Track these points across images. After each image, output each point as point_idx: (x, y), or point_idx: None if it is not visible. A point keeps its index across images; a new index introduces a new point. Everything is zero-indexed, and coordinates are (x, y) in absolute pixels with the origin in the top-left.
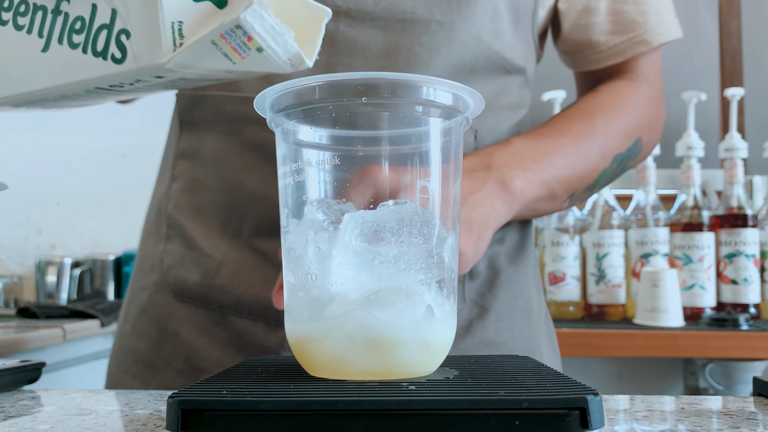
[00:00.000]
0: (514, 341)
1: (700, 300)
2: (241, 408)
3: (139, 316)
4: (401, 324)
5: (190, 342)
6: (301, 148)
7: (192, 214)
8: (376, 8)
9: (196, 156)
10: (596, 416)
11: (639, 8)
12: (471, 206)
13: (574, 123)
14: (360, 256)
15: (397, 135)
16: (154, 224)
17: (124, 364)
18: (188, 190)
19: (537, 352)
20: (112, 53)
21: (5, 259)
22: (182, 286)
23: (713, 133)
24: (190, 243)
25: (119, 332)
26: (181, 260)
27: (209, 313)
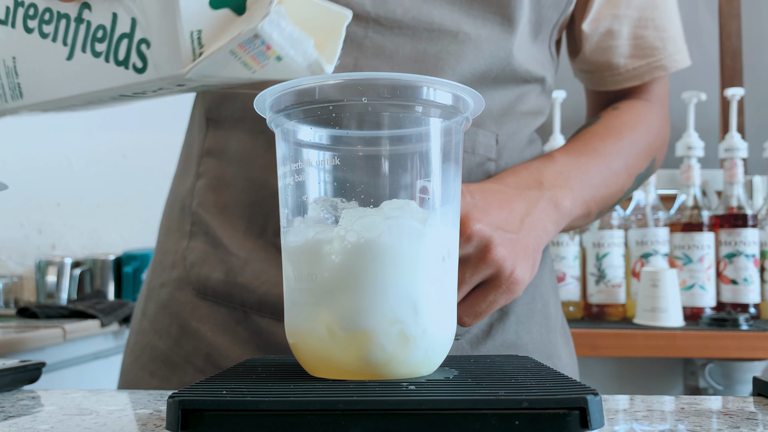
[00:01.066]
0: (533, 344)
1: (700, 300)
2: (241, 408)
3: (159, 312)
4: (401, 324)
5: (210, 340)
6: (301, 148)
7: (216, 212)
8: (405, 17)
9: (222, 154)
10: (596, 416)
11: (659, 34)
12: (527, 230)
13: (606, 141)
14: (359, 256)
15: (397, 135)
16: (176, 221)
17: (142, 361)
18: (213, 187)
19: (555, 355)
20: (134, 63)
21: (5, 259)
22: (205, 283)
23: (713, 133)
24: (215, 241)
25: (136, 329)
26: (205, 257)
27: (231, 312)
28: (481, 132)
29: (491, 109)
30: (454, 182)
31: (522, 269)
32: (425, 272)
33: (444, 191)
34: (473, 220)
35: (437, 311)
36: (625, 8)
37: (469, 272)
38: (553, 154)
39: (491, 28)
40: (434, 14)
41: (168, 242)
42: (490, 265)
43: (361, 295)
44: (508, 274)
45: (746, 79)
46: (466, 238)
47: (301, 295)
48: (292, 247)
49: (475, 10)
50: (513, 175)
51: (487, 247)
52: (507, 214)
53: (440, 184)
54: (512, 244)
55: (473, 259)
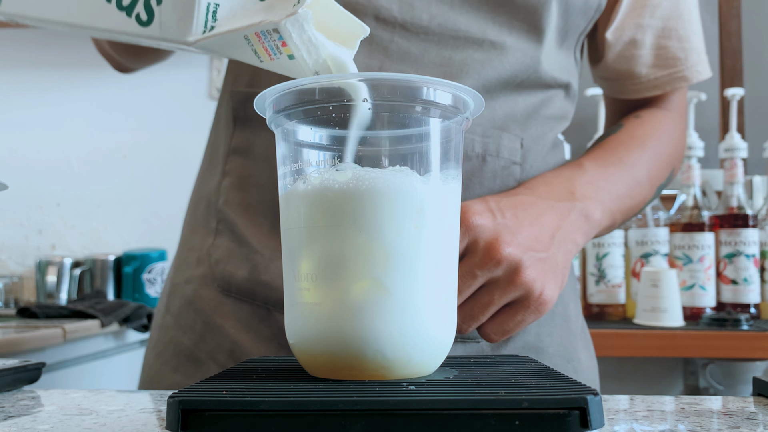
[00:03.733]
0: (553, 347)
1: (700, 300)
2: (241, 408)
3: (184, 308)
4: (401, 324)
5: (234, 337)
6: (301, 149)
7: (242, 210)
8: (431, 23)
9: (248, 153)
10: (596, 416)
11: (682, 45)
12: (557, 246)
13: (631, 151)
14: (359, 256)
15: (398, 135)
16: (202, 218)
17: (165, 356)
18: (239, 186)
19: (575, 358)
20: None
21: (5, 259)
22: (229, 280)
23: (713, 133)
24: (240, 239)
25: (159, 324)
26: (230, 255)
27: (255, 309)
28: (505, 135)
29: (516, 113)
30: (454, 182)
31: (551, 289)
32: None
33: (444, 192)
34: (504, 244)
35: (437, 311)
36: (649, 18)
37: (498, 294)
38: (582, 162)
39: (517, 36)
40: (460, 21)
41: (193, 239)
42: (519, 287)
43: (360, 296)
44: (537, 295)
45: (746, 79)
46: (496, 261)
47: (300, 296)
48: (291, 247)
49: (502, 17)
50: (545, 185)
51: (517, 270)
52: (537, 231)
53: (440, 184)
54: (542, 264)
55: (503, 282)
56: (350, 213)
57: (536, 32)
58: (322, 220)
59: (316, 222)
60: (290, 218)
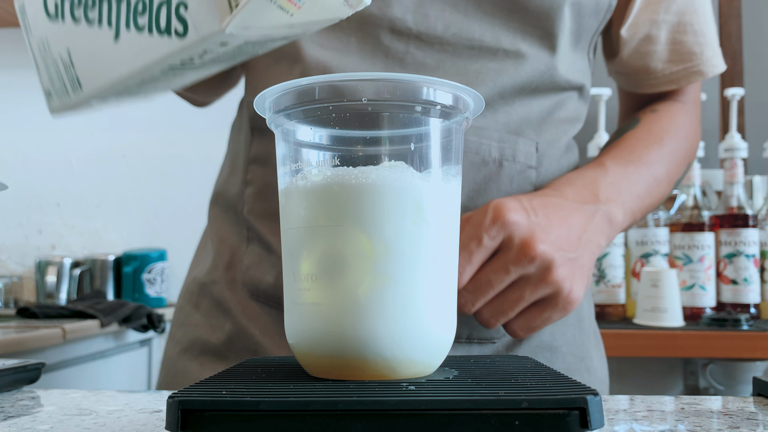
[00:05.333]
0: (567, 346)
1: (700, 300)
2: (241, 408)
3: (214, 309)
4: (401, 324)
5: (258, 338)
6: (301, 149)
7: (267, 218)
8: (445, 33)
9: (268, 162)
10: (596, 416)
11: (697, 39)
12: (584, 246)
13: (650, 149)
14: (359, 256)
15: (398, 135)
16: (232, 224)
17: (192, 352)
18: (261, 195)
19: (588, 357)
20: (175, 28)
21: (5, 259)
22: (257, 286)
23: (713, 133)
24: (267, 246)
25: (183, 321)
26: (260, 261)
27: (280, 314)
28: (521, 140)
29: (531, 117)
30: (454, 180)
31: (578, 288)
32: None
33: (443, 192)
34: (538, 242)
35: (437, 310)
36: (664, 13)
37: (529, 290)
38: (603, 162)
39: (531, 42)
40: (474, 29)
41: (223, 244)
42: (550, 285)
43: (360, 295)
44: (566, 294)
45: (746, 80)
46: (530, 258)
47: (300, 296)
48: (291, 248)
49: (515, 23)
50: (570, 186)
51: (549, 268)
52: (566, 232)
53: (440, 185)
54: (571, 264)
55: (534, 279)
56: (347, 210)
57: (550, 37)
58: (320, 219)
59: (314, 221)
60: (289, 218)
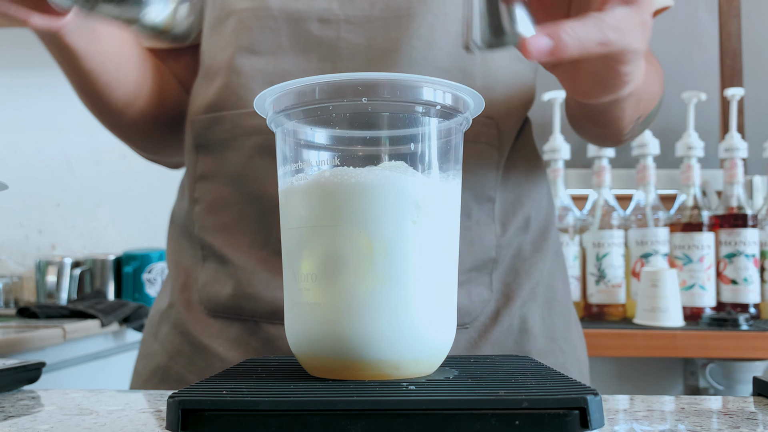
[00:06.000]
0: (537, 327)
1: (700, 300)
2: (241, 408)
3: (170, 333)
4: (401, 324)
5: (224, 355)
6: (301, 149)
7: (219, 232)
8: (373, 10)
9: (216, 177)
10: (596, 416)
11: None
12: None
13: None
14: (359, 255)
15: (397, 135)
16: (187, 248)
17: (153, 383)
18: (212, 210)
19: (560, 337)
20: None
21: (5, 259)
22: (215, 300)
23: (713, 133)
24: (222, 259)
25: (145, 352)
26: (216, 277)
27: (243, 325)
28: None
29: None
30: (454, 180)
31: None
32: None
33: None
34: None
35: (437, 310)
36: None
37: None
38: None
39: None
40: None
41: (179, 268)
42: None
43: (360, 295)
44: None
45: (746, 79)
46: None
47: (300, 296)
48: (291, 248)
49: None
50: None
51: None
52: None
53: (440, 184)
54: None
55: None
56: (347, 210)
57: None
58: (320, 219)
59: (314, 221)
60: (289, 218)
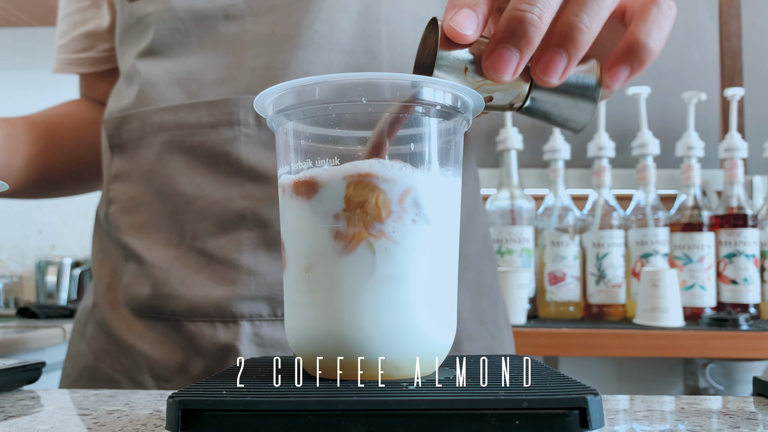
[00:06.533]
0: (467, 312)
1: (700, 300)
2: (241, 408)
3: (96, 332)
4: (401, 323)
5: (149, 354)
6: (301, 149)
7: (134, 232)
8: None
9: (129, 176)
10: (596, 416)
11: None
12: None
13: None
14: (359, 255)
15: (397, 135)
16: (109, 248)
17: (81, 383)
18: (126, 210)
19: (489, 321)
20: None
21: (5, 259)
22: (137, 301)
23: (713, 133)
24: (140, 259)
25: (73, 352)
26: (136, 277)
27: (165, 323)
28: None
29: None
30: (453, 179)
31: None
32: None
33: (442, 192)
34: None
35: (437, 310)
36: None
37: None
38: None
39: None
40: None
41: (103, 267)
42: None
43: (359, 295)
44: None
45: (746, 79)
46: None
47: (300, 296)
48: (290, 248)
49: None
50: None
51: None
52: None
53: (441, 185)
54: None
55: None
56: (345, 211)
57: None
58: (317, 219)
59: (314, 221)
60: (288, 218)
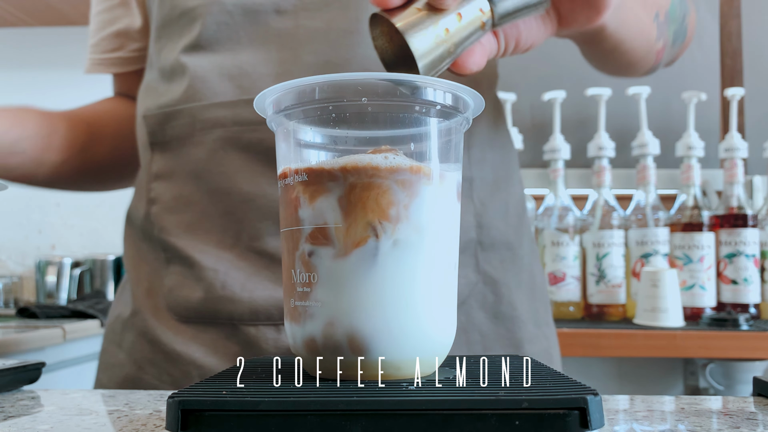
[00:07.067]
0: (525, 314)
1: (700, 300)
2: (241, 408)
3: (138, 342)
4: (400, 323)
5: (201, 362)
6: (301, 149)
7: (182, 232)
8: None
9: (174, 174)
10: (596, 416)
11: None
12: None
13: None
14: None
15: (397, 135)
16: (147, 251)
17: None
18: (172, 209)
19: (544, 324)
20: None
21: (5, 259)
22: (186, 306)
23: (713, 133)
24: (189, 261)
25: (109, 362)
26: (182, 281)
27: (218, 329)
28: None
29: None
30: (453, 175)
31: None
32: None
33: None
34: None
35: (437, 310)
36: None
37: None
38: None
39: None
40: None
41: (140, 272)
42: None
43: (359, 294)
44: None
45: (746, 79)
46: None
47: (299, 296)
48: (289, 248)
49: None
50: None
51: None
52: None
53: (440, 184)
54: None
55: None
56: (346, 208)
57: None
58: (317, 217)
59: (312, 220)
60: (287, 218)
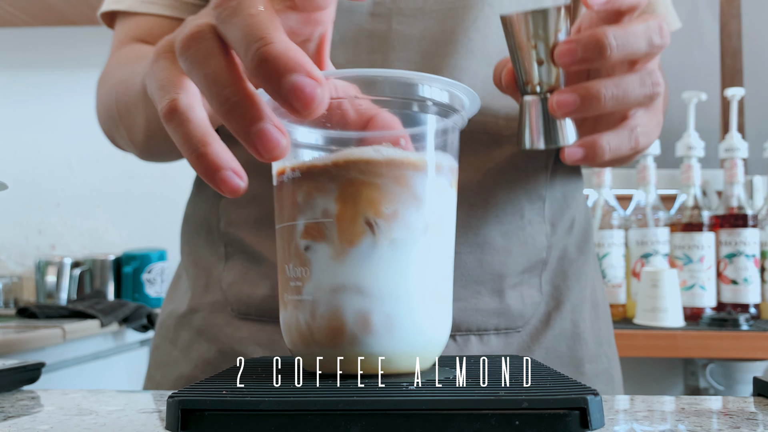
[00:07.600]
0: (587, 332)
1: (700, 300)
2: (241, 408)
3: (194, 340)
4: (396, 318)
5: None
6: (298, 148)
7: (250, 227)
8: (426, 2)
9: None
10: (596, 416)
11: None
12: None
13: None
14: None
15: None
16: (205, 246)
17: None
18: (240, 203)
19: (605, 342)
20: None
21: (5, 259)
22: (247, 302)
23: (713, 133)
24: (255, 257)
25: (162, 360)
26: (245, 276)
27: (277, 326)
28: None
29: None
30: (451, 177)
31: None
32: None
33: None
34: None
35: (432, 304)
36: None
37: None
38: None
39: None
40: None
41: (198, 268)
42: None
43: (357, 292)
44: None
45: (746, 79)
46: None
47: (296, 294)
48: (286, 246)
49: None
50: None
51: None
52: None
53: (437, 184)
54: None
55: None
56: (341, 203)
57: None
58: (313, 213)
59: (308, 216)
60: (283, 214)
